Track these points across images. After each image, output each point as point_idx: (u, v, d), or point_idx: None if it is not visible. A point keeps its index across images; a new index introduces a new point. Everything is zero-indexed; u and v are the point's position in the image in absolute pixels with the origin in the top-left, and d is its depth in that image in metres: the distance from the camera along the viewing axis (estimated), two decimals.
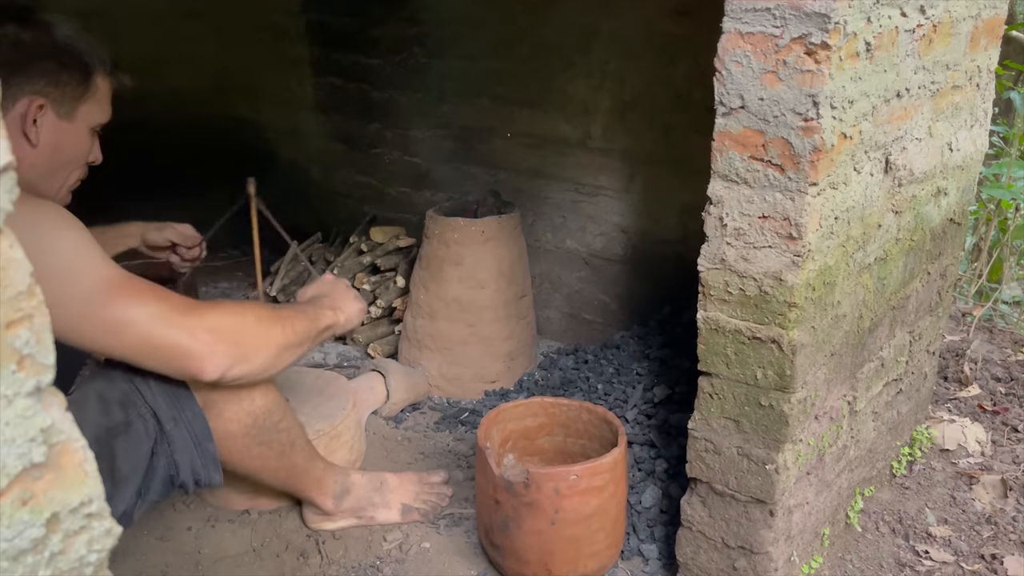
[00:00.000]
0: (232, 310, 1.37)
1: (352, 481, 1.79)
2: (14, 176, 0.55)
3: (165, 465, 1.41)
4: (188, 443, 1.42)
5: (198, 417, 1.43)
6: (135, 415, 1.37)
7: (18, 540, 0.57)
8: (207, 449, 1.45)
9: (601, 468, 1.53)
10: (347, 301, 1.63)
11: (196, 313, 1.30)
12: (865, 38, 1.22)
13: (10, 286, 0.55)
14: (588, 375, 2.30)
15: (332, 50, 3.12)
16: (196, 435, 1.43)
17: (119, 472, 1.34)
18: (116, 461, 1.34)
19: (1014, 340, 2.65)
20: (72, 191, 1.52)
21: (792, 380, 1.32)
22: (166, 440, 1.40)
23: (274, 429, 1.56)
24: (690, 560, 1.56)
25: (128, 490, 1.36)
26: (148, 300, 1.26)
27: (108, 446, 1.34)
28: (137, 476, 1.37)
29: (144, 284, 1.28)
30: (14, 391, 0.55)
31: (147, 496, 1.40)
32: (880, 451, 1.84)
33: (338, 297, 1.63)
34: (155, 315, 1.25)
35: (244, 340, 1.35)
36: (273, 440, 1.57)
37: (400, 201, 3.10)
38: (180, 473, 1.43)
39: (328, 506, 1.75)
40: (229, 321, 1.34)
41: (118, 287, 1.24)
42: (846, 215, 1.34)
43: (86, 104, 1.44)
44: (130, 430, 1.36)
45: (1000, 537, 1.76)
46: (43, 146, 1.39)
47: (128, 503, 1.36)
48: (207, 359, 1.29)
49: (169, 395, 1.39)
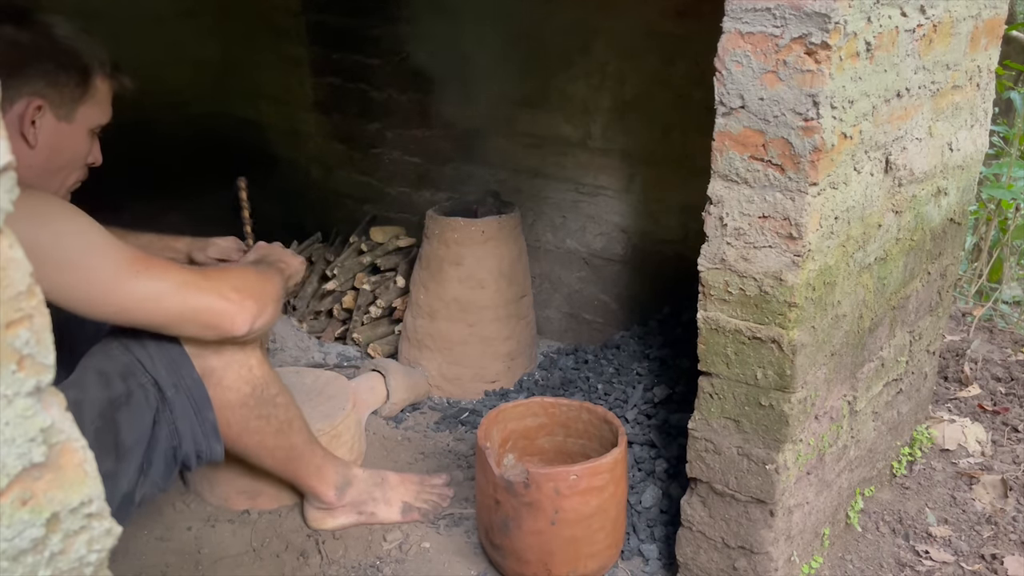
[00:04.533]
0: (239, 271, 1.49)
1: (354, 474, 1.80)
2: (14, 176, 0.55)
3: (167, 435, 1.43)
4: (188, 410, 1.45)
5: (197, 384, 1.46)
6: (135, 385, 1.39)
7: (18, 540, 0.57)
8: (207, 417, 1.48)
9: (601, 468, 1.53)
10: (288, 257, 1.74)
11: (216, 276, 1.40)
12: (865, 38, 1.22)
13: (10, 286, 0.55)
14: (588, 375, 2.30)
15: (332, 50, 3.11)
16: (196, 402, 1.46)
17: (123, 445, 1.36)
18: (120, 434, 1.36)
19: (1014, 340, 2.65)
20: (71, 192, 1.52)
21: (792, 380, 1.32)
22: (168, 407, 1.42)
23: (271, 403, 1.58)
24: (690, 560, 1.56)
25: (131, 465, 1.37)
26: (171, 271, 1.33)
27: (111, 419, 1.36)
28: (140, 448, 1.39)
29: (161, 259, 1.35)
30: (14, 391, 0.55)
31: (149, 472, 1.41)
32: (880, 451, 1.84)
33: (279, 255, 1.74)
34: (182, 283, 1.33)
35: (260, 294, 1.44)
36: (271, 415, 1.59)
37: (400, 201, 3.10)
38: (182, 444, 1.45)
39: (330, 497, 1.76)
40: (244, 279, 1.44)
41: (141, 263, 1.29)
42: (846, 215, 1.34)
43: (85, 106, 1.44)
44: (131, 400, 1.38)
45: (1000, 537, 1.76)
46: (41, 147, 1.39)
47: (131, 480, 1.38)
48: (238, 315, 1.38)
49: (168, 362, 1.43)
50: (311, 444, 1.72)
